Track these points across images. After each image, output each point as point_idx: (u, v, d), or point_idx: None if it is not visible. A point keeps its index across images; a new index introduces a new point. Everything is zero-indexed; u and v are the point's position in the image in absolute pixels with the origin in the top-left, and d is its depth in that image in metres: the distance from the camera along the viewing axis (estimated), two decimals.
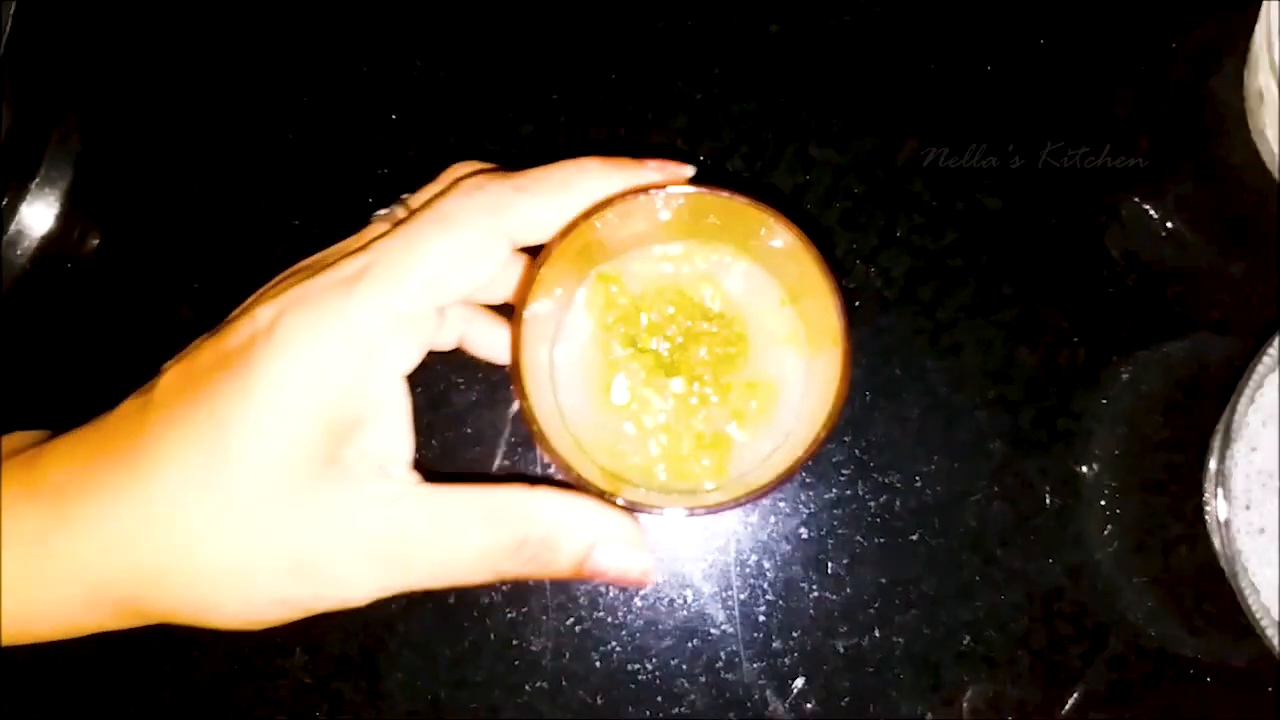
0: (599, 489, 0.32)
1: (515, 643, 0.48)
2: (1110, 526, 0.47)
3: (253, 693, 0.48)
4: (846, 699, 0.47)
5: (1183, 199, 0.49)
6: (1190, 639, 0.47)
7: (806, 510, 0.48)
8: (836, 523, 0.48)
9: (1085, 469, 0.48)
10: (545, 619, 0.48)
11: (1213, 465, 0.43)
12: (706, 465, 0.37)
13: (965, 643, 0.47)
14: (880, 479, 0.48)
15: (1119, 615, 0.47)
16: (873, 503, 0.48)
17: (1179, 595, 0.47)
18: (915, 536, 0.48)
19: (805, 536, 0.48)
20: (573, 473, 0.32)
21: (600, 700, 0.48)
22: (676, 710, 0.47)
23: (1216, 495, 0.42)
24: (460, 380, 0.49)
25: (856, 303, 0.49)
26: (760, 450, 0.37)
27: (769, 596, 0.48)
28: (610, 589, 0.48)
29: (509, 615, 0.48)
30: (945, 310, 0.49)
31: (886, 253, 0.49)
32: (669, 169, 0.35)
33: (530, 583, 0.48)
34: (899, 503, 0.48)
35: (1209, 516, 0.44)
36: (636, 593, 0.48)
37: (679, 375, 0.37)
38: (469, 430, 0.49)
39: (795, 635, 0.47)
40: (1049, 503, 0.48)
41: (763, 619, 0.48)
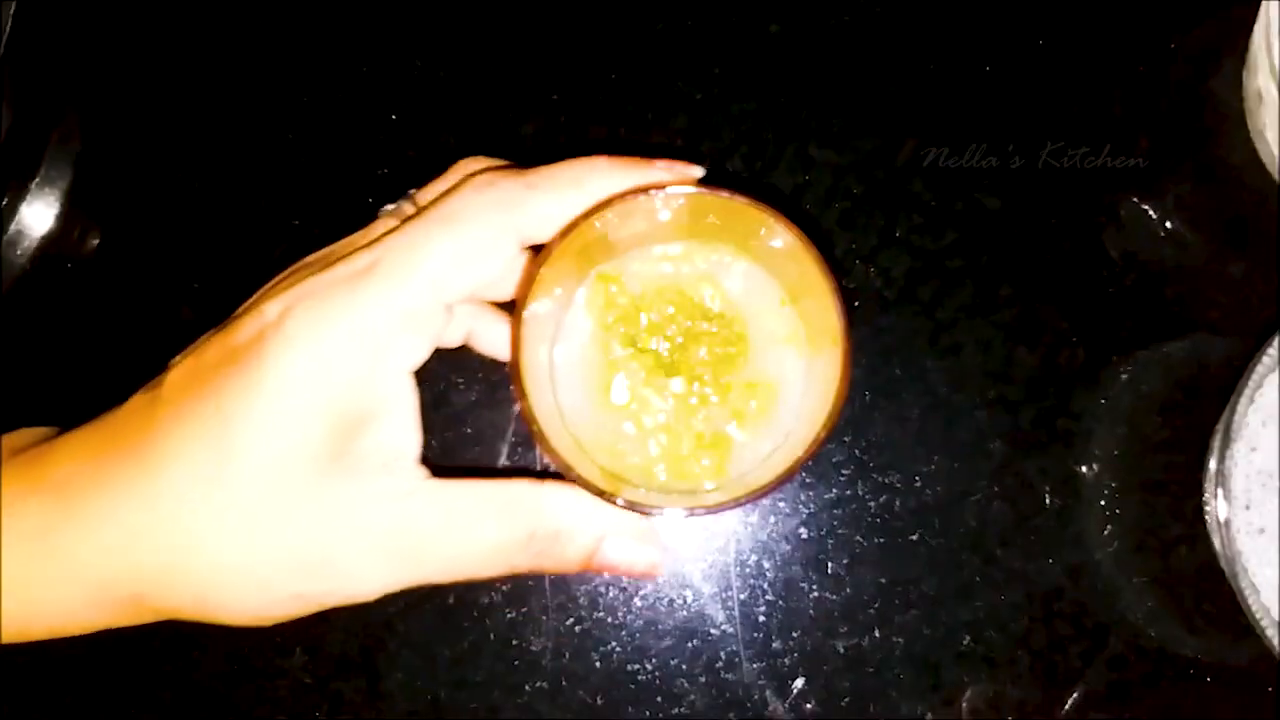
0: (599, 489, 0.32)
1: (515, 643, 0.48)
2: (1110, 527, 0.47)
3: (252, 693, 0.48)
4: (846, 699, 0.47)
5: (1182, 199, 0.49)
6: (1190, 639, 0.47)
7: (806, 510, 0.48)
8: (836, 523, 0.48)
9: (1085, 469, 0.48)
10: (545, 619, 0.48)
11: (1213, 465, 0.43)
12: (706, 465, 0.37)
13: (965, 643, 0.47)
14: (880, 479, 0.48)
15: (1119, 615, 0.47)
16: (873, 503, 0.48)
17: (1179, 595, 0.47)
18: (915, 536, 0.48)
19: (805, 536, 0.48)
20: (573, 473, 0.32)
21: (600, 700, 0.48)
22: (676, 710, 0.47)
23: (1216, 495, 0.42)
24: (460, 380, 0.49)
25: (856, 303, 0.49)
26: (760, 450, 0.37)
27: (769, 597, 0.48)
28: (610, 589, 0.48)
29: (509, 615, 0.48)
30: (945, 310, 0.49)
31: (886, 253, 0.49)
32: (678, 169, 0.35)
33: (530, 582, 0.48)
34: (899, 503, 0.48)
35: (1209, 516, 0.44)
36: (636, 593, 0.48)
37: (679, 375, 0.37)
38: (469, 430, 0.49)
39: (795, 635, 0.47)
40: (1049, 503, 0.48)
41: (763, 619, 0.48)
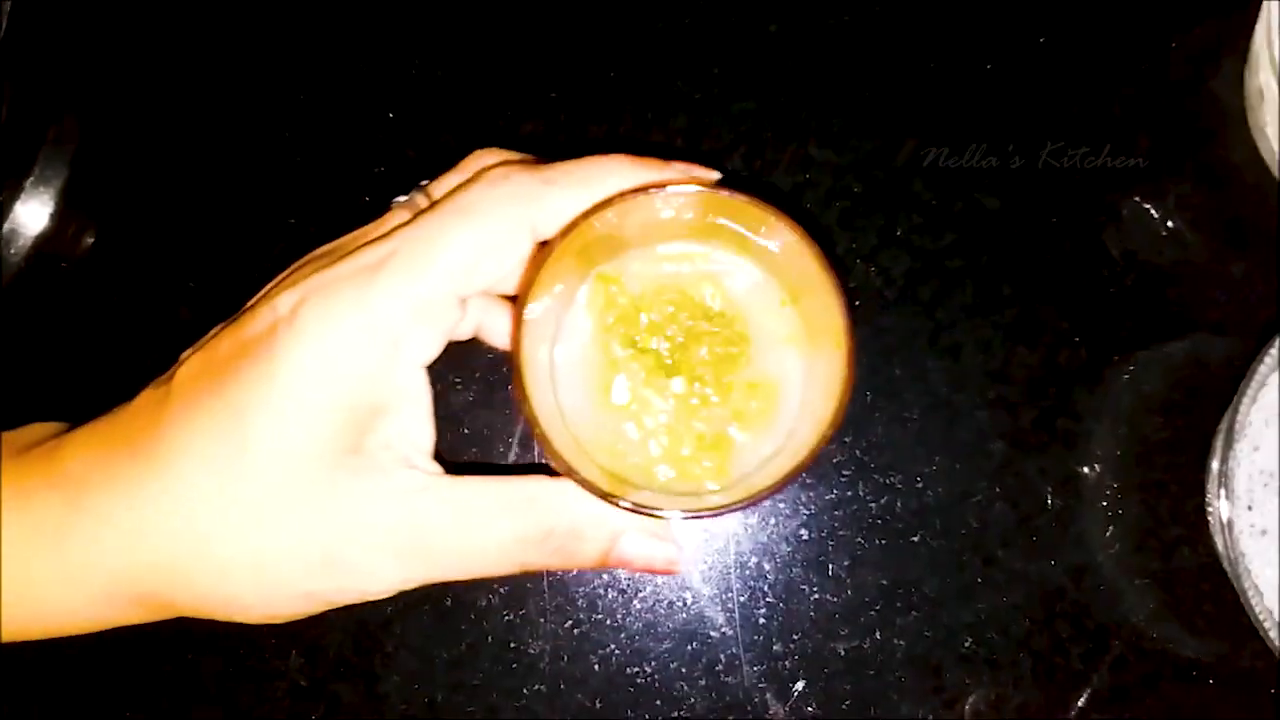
0: (603, 492, 0.32)
1: (513, 645, 0.47)
2: (1112, 527, 0.47)
3: (250, 694, 0.47)
4: (847, 702, 0.47)
5: (1183, 198, 0.49)
6: (1192, 640, 0.47)
7: (807, 511, 0.48)
8: (837, 524, 0.48)
9: (1086, 469, 0.48)
10: (543, 621, 0.47)
11: (1215, 465, 0.43)
12: (708, 466, 0.36)
13: (967, 645, 0.47)
14: (881, 480, 0.48)
15: (1121, 617, 0.47)
16: (873, 504, 0.48)
17: (1181, 596, 0.47)
18: (916, 538, 0.47)
19: (805, 538, 0.48)
20: (577, 475, 0.32)
21: (599, 703, 0.47)
22: (676, 714, 0.47)
23: (1219, 496, 0.42)
24: (458, 380, 0.48)
25: (856, 302, 0.49)
26: (762, 451, 0.37)
27: (769, 599, 0.47)
28: (608, 591, 0.48)
29: (507, 618, 0.48)
30: (945, 310, 0.49)
31: (886, 253, 0.49)
32: (695, 173, 0.35)
33: (528, 584, 0.48)
34: (900, 504, 0.48)
35: (1211, 517, 0.43)
36: (635, 595, 0.48)
37: (679, 375, 0.37)
38: (466, 430, 0.48)
39: (796, 638, 0.47)
40: (1050, 504, 0.48)
41: (763, 621, 0.47)
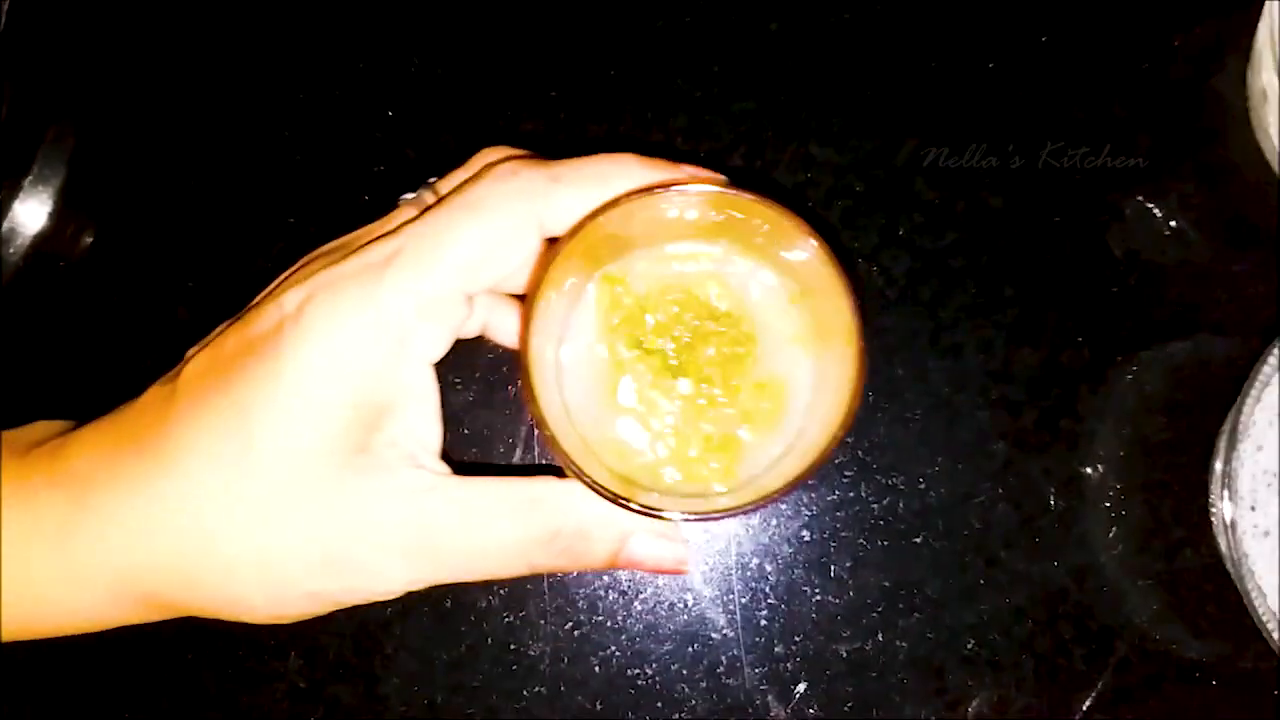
0: (612, 494, 0.31)
1: (513, 647, 0.47)
2: (1115, 528, 0.47)
3: (249, 696, 0.47)
4: (849, 704, 0.47)
5: (1185, 198, 0.49)
6: (1195, 641, 0.47)
7: (809, 513, 0.48)
8: (839, 525, 0.47)
9: (1089, 470, 0.48)
10: (543, 623, 0.47)
11: (1218, 465, 0.43)
12: (715, 468, 0.36)
13: (969, 647, 0.47)
14: (883, 480, 0.48)
15: (1124, 618, 0.47)
16: (875, 505, 0.47)
17: (1184, 598, 0.47)
18: (918, 539, 0.47)
19: (807, 539, 0.47)
20: (585, 477, 0.32)
21: (599, 705, 0.47)
22: (677, 716, 0.47)
23: (1222, 496, 0.42)
24: (458, 380, 0.48)
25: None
26: (770, 452, 0.36)
27: (770, 600, 0.47)
28: (609, 592, 0.48)
29: (506, 619, 0.47)
30: (947, 310, 0.49)
31: (887, 252, 0.49)
32: (706, 176, 0.35)
33: (528, 586, 0.48)
34: (902, 505, 0.47)
35: (1214, 518, 0.43)
36: (636, 597, 0.48)
37: (686, 376, 0.37)
38: (466, 431, 0.48)
39: (797, 639, 0.47)
40: (1053, 504, 0.47)
41: (764, 623, 0.47)
